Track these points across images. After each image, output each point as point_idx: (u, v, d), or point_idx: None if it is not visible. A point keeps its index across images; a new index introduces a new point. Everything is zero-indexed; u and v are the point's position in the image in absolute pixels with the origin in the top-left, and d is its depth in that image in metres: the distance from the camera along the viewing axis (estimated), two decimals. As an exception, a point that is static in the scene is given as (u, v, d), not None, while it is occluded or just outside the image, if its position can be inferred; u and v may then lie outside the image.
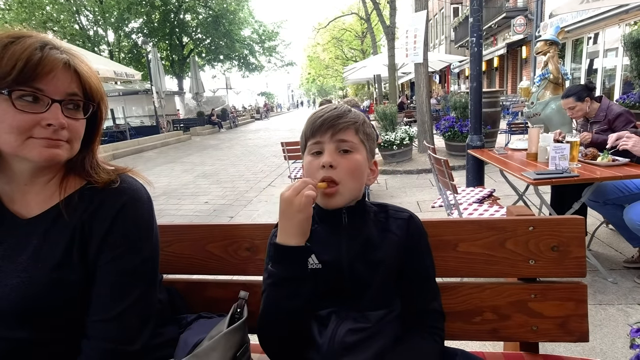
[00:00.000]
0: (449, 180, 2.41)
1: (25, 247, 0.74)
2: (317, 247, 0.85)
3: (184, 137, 15.61)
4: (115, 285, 0.75)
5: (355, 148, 0.83)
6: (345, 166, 0.81)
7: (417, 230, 0.87)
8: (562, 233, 0.93)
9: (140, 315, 0.78)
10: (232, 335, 0.85)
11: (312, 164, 0.84)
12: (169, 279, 1.12)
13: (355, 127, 0.84)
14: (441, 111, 11.06)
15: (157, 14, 22.48)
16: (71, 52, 0.74)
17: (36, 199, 0.77)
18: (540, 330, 0.95)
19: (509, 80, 17.02)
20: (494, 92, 7.21)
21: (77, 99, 0.74)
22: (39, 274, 0.72)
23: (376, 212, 0.89)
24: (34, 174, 0.76)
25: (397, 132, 6.64)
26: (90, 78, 0.76)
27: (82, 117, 0.75)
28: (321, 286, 0.83)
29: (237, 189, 6.10)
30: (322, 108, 0.87)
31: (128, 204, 0.78)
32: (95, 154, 0.83)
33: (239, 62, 28.45)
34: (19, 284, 0.71)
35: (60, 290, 0.73)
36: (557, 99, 4.40)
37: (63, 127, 0.71)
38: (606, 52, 10.88)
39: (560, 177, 2.14)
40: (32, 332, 0.73)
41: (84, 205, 0.76)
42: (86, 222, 0.75)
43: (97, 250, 0.75)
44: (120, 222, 0.76)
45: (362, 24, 24.52)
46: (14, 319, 0.71)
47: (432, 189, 5.13)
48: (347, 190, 0.81)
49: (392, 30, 11.26)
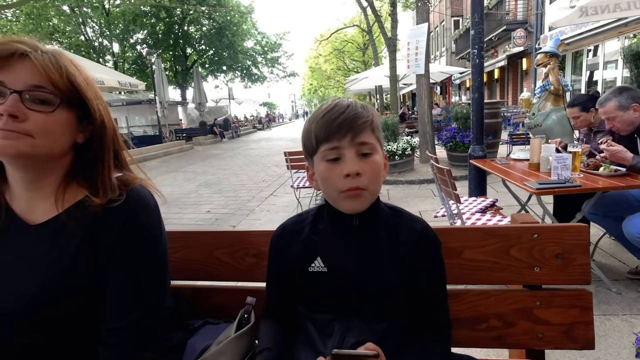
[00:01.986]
0: (451, 190, 2.42)
1: (35, 253, 0.74)
2: (324, 249, 0.83)
3: (187, 147, 15.69)
4: (129, 292, 0.76)
5: (374, 149, 0.77)
6: (369, 171, 0.76)
7: (429, 246, 0.82)
8: (565, 240, 0.94)
9: (155, 320, 0.79)
10: (240, 340, 0.86)
11: (331, 172, 0.76)
12: (176, 284, 1.13)
13: (372, 126, 0.78)
14: (442, 122, 11.12)
15: (161, 26, 22.85)
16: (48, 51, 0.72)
17: (42, 205, 0.77)
18: (546, 337, 0.95)
19: (510, 91, 17.15)
20: (495, 103, 7.27)
21: (44, 91, 0.70)
22: (49, 280, 0.72)
23: (388, 217, 0.84)
24: (29, 177, 0.75)
25: (398, 143, 6.68)
26: (49, 70, 0.70)
27: (50, 110, 0.70)
28: (323, 290, 0.81)
29: (239, 198, 6.12)
30: (334, 107, 0.77)
31: (136, 212, 0.77)
32: (108, 168, 0.79)
33: (241, 72, 28.77)
34: (30, 290, 0.72)
35: (70, 296, 0.73)
36: (558, 110, 4.45)
37: (14, 117, 0.67)
38: (606, 64, 10.98)
39: (562, 187, 2.15)
40: (42, 338, 0.74)
41: (90, 214, 0.75)
42: (94, 232, 0.74)
43: (107, 259, 0.75)
44: (129, 230, 0.76)
45: (364, 35, 24.82)
46: (26, 324, 0.72)
47: (434, 199, 5.14)
48: (371, 194, 0.78)
49: (394, 42, 11.39)
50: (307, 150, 0.81)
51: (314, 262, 0.83)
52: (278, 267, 0.90)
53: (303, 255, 0.84)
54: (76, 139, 0.77)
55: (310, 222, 0.88)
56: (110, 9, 20.06)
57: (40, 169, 0.75)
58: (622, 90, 2.29)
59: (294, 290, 0.87)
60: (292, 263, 0.86)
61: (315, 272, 0.82)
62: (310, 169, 0.83)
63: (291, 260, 0.86)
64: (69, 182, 0.78)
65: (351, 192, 0.75)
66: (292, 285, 0.87)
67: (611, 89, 2.38)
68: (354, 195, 0.75)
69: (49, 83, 0.70)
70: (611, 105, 2.29)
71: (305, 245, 0.85)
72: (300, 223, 0.89)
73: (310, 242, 0.85)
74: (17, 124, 0.68)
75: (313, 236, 0.85)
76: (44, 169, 0.75)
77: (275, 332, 0.89)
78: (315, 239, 0.85)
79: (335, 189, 0.76)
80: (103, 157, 0.79)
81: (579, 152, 2.41)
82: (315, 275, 0.82)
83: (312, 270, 0.82)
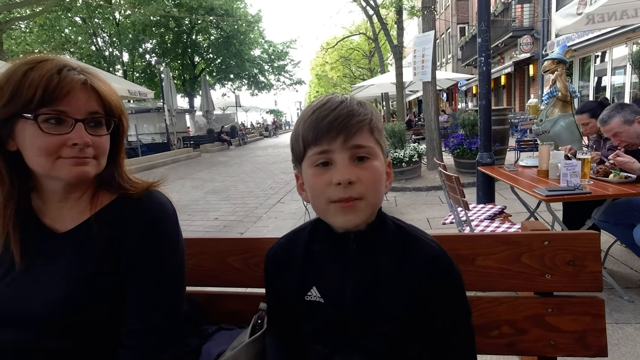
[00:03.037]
0: (460, 197, 2.42)
1: (61, 259, 0.77)
2: (319, 276, 0.72)
3: (194, 154, 15.84)
4: (148, 296, 0.79)
5: (372, 153, 0.65)
6: (365, 179, 0.63)
7: (442, 275, 0.69)
8: (577, 248, 0.94)
9: (172, 323, 0.82)
10: (254, 345, 0.88)
11: (319, 179, 0.64)
12: (191, 291, 1.15)
13: (370, 127, 0.65)
14: (449, 128, 11.10)
15: (170, 35, 23.24)
16: (88, 71, 0.77)
17: (70, 214, 0.81)
18: (558, 344, 0.95)
19: (517, 98, 17.10)
20: (502, 110, 7.26)
21: (99, 116, 0.77)
22: (74, 285, 0.75)
23: (394, 238, 0.71)
24: (66, 191, 0.80)
25: (405, 150, 6.68)
26: (109, 95, 0.78)
27: (105, 133, 0.78)
28: (321, 321, 0.72)
29: (246, 205, 6.15)
30: (324, 103, 0.66)
31: (156, 218, 0.81)
32: (122, 166, 0.87)
33: (248, 80, 29.06)
34: (57, 295, 0.75)
35: (94, 300, 0.76)
36: (566, 117, 4.43)
37: (88, 145, 0.74)
38: (614, 70, 10.92)
39: (572, 194, 2.14)
40: (69, 341, 0.76)
41: (114, 220, 0.80)
42: (116, 237, 0.78)
43: (128, 264, 0.78)
44: (149, 236, 0.79)
45: (370, 43, 24.96)
46: (53, 328, 0.75)
47: (442, 206, 5.12)
48: (369, 206, 0.65)
49: (400, 50, 11.45)
50: (295, 156, 0.69)
51: (310, 291, 0.72)
52: (273, 294, 0.81)
53: (298, 283, 0.74)
54: None
55: (305, 242, 0.76)
56: (121, 20, 20.48)
57: (83, 181, 0.80)
58: (622, 106, 2.33)
59: (296, 314, 0.76)
60: (287, 291, 0.76)
61: (312, 302, 0.72)
62: (300, 178, 0.71)
63: (286, 288, 0.76)
64: (99, 187, 0.84)
65: (342, 204, 0.63)
66: (293, 311, 0.76)
67: (609, 107, 2.41)
68: (346, 207, 0.63)
69: (102, 108, 0.77)
70: (616, 121, 2.31)
71: (300, 271, 0.75)
72: (294, 243, 0.78)
73: (304, 267, 0.74)
74: (86, 150, 0.75)
75: (307, 260, 0.75)
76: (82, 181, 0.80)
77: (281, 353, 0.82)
78: (310, 264, 0.74)
79: (324, 199, 0.64)
80: (121, 160, 0.87)
81: (589, 159, 2.40)
82: (312, 304, 0.72)
83: (309, 300, 0.73)
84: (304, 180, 0.69)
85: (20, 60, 0.73)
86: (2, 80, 0.71)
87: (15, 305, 0.75)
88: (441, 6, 24.54)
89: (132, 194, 0.83)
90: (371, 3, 13.12)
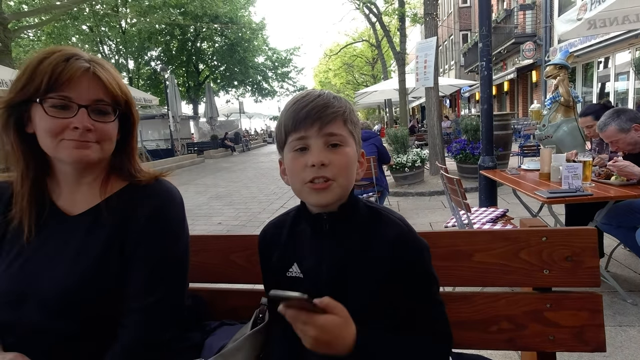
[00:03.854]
0: (461, 199, 2.43)
1: (72, 241, 0.81)
2: (300, 253, 0.80)
3: (198, 160, 15.93)
4: (149, 278, 0.81)
5: (344, 141, 0.73)
6: (337, 163, 0.72)
7: (409, 251, 0.74)
8: (575, 244, 0.95)
9: (171, 305, 0.83)
10: (256, 337, 0.90)
11: (296, 162, 0.73)
12: (194, 287, 1.16)
13: (343, 118, 0.74)
14: (452, 134, 11.11)
15: (175, 43, 23.52)
16: (96, 61, 0.81)
17: (82, 198, 0.85)
18: (557, 339, 0.96)
19: (520, 103, 17.10)
20: (505, 115, 7.28)
21: (103, 104, 0.80)
22: (83, 265, 0.79)
23: (364, 217, 0.78)
24: (78, 175, 0.84)
25: (408, 155, 6.70)
26: (111, 83, 0.81)
27: (110, 120, 0.82)
28: None
29: (250, 210, 6.18)
30: (304, 96, 0.75)
31: (162, 204, 0.85)
32: (134, 156, 0.90)
33: (252, 87, 29.29)
34: (65, 274, 0.78)
35: (101, 281, 0.79)
36: (569, 122, 4.44)
37: (89, 130, 0.78)
38: (617, 75, 10.91)
39: (573, 196, 2.15)
40: (76, 323, 0.78)
41: (123, 205, 0.83)
42: (124, 221, 0.82)
43: (133, 246, 0.81)
44: (155, 221, 0.83)
45: (373, 50, 25.13)
46: (61, 308, 0.77)
47: (445, 210, 5.12)
48: (339, 187, 0.73)
49: (403, 56, 11.53)
50: (278, 142, 0.79)
51: (292, 267, 0.80)
52: (266, 272, 0.89)
53: (282, 260, 0.82)
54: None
55: (291, 223, 0.85)
56: (127, 28, 20.77)
57: (93, 166, 0.84)
58: (619, 113, 2.33)
59: None
60: (274, 268, 0.83)
61: (292, 277, 0.79)
62: (283, 164, 0.79)
63: (273, 266, 0.83)
64: (111, 174, 0.88)
65: (316, 185, 0.71)
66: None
67: (607, 112, 2.41)
68: (319, 188, 0.71)
69: (108, 96, 0.81)
70: (612, 129, 2.33)
71: (284, 249, 0.82)
72: (282, 223, 0.86)
73: (288, 245, 0.82)
74: (88, 134, 0.79)
75: (291, 239, 0.83)
76: (96, 165, 0.85)
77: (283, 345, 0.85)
78: (293, 243, 0.82)
79: (300, 180, 0.73)
80: (133, 148, 0.91)
81: (590, 162, 2.41)
82: (293, 280, 0.79)
83: (290, 275, 0.80)
84: (285, 166, 0.77)
85: (39, 51, 0.79)
86: (21, 68, 0.78)
87: (27, 285, 0.77)
88: (444, 13, 24.70)
89: (142, 181, 0.87)
90: (374, 11, 13.25)
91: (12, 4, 15.19)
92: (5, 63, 8.64)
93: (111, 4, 18.08)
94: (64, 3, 12.96)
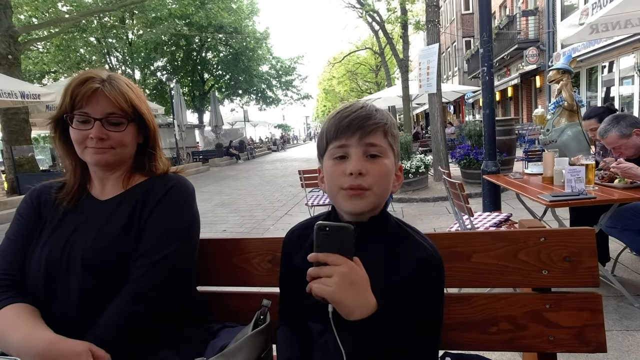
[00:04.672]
0: (464, 204, 2.43)
1: (101, 217, 0.98)
2: None
3: (203, 168, 16.03)
4: (156, 240, 0.94)
5: (384, 152, 0.75)
6: (374, 173, 0.73)
7: (429, 275, 0.74)
8: (573, 244, 0.95)
9: (171, 267, 0.94)
10: (257, 337, 0.91)
11: (335, 169, 0.75)
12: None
13: (384, 130, 0.76)
14: (456, 140, 11.10)
15: (180, 53, 23.83)
16: (110, 79, 0.97)
17: (110, 189, 1.03)
18: (557, 340, 0.96)
19: (524, 109, 17.05)
20: (509, 120, 7.27)
21: (115, 116, 0.97)
22: (109, 232, 0.94)
23: (392, 232, 0.79)
24: (104, 172, 1.02)
25: (412, 161, 6.70)
26: (119, 99, 0.96)
27: (123, 129, 0.98)
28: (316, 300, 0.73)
29: (254, 218, 6.20)
30: (347, 107, 0.78)
31: (177, 184, 1.02)
32: (155, 157, 1.07)
33: (256, 96, 29.53)
34: (94, 238, 0.93)
35: (123, 245, 0.93)
36: (573, 126, 4.41)
37: (102, 139, 0.95)
38: (622, 80, 10.87)
39: (576, 199, 2.14)
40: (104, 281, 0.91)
41: (143, 189, 1.01)
42: (143, 198, 0.99)
43: (149, 214, 0.97)
44: (169, 195, 0.99)
45: (376, 57, 25.26)
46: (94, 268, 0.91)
47: (449, 216, 5.10)
48: (374, 196, 0.74)
49: (406, 63, 11.58)
50: (319, 151, 0.82)
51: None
52: (287, 272, 0.90)
53: (304, 260, 0.77)
54: (138, 141, 1.05)
55: None
56: (133, 39, 21.12)
57: (116, 165, 1.02)
58: (618, 119, 2.34)
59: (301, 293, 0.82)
60: (296, 268, 0.83)
61: None
62: (321, 172, 0.82)
63: (296, 265, 0.84)
64: (134, 171, 1.06)
65: (351, 191, 0.73)
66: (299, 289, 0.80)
67: (607, 118, 2.42)
68: (353, 195, 0.73)
69: (119, 109, 0.97)
70: (613, 136, 2.34)
71: (308, 251, 0.77)
72: (309, 227, 0.87)
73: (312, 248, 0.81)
74: (103, 142, 0.96)
75: None
76: (118, 164, 1.03)
77: (291, 341, 0.87)
78: None
79: (336, 185, 0.75)
80: (156, 147, 1.08)
81: (592, 165, 2.40)
82: None
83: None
84: (324, 173, 0.80)
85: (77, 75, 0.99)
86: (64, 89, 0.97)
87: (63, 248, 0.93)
88: (447, 20, 24.84)
89: (160, 174, 1.06)
90: (377, 19, 13.36)
91: (23, 18, 15.53)
92: (15, 75, 8.79)
93: (118, 16, 18.43)
94: (72, 16, 13.24)
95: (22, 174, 8.92)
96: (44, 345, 0.79)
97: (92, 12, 14.86)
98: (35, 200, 1.02)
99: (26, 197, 1.04)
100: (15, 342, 0.81)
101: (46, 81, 19.92)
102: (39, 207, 1.01)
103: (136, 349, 0.88)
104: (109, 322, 0.86)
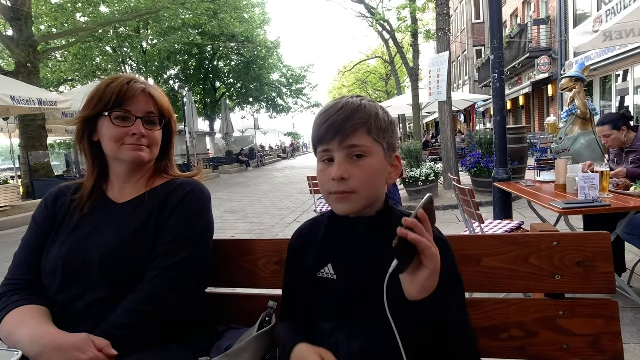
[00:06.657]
0: (474, 210, 2.40)
1: (118, 219, 0.99)
2: (336, 255, 0.81)
3: (213, 175, 16.17)
4: (171, 245, 0.95)
5: (368, 152, 0.74)
6: (358, 176, 0.73)
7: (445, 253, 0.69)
8: (587, 248, 0.93)
9: (186, 270, 0.95)
10: (262, 339, 0.90)
11: (323, 174, 0.77)
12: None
13: (367, 128, 0.74)
14: (467, 149, 11.00)
15: (193, 62, 24.27)
16: (147, 83, 1.04)
17: (130, 191, 1.04)
18: (571, 348, 0.92)
19: (536, 118, 16.86)
20: (520, 129, 7.17)
21: (153, 116, 1.02)
22: (126, 234, 0.95)
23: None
24: (129, 174, 1.04)
25: (422, 169, 6.66)
26: (161, 99, 1.04)
27: (158, 129, 1.04)
28: (330, 297, 0.79)
29: (263, 224, 6.20)
30: (328, 109, 0.77)
31: (195, 189, 1.04)
32: (172, 160, 1.13)
33: (267, 104, 29.82)
34: (112, 240, 0.94)
35: (139, 247, 0.94)
36: (587, 134, 4.34)
37: (143, 136, 0.99)
38: (637, 88, 10.68)
39: (590, 207, 2.09)
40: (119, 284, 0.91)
41: (162, 193, 1.02)
42: (162, 201, 1.00)
43: (166, 219, 0.98)
44: (187, 201, 1.01)
45: (386, 66, 25.34)
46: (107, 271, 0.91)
47: (459, 224, 5.03)
48: (362, 198, 0.75)
49: (416, 72, 11.60)
50: (314, 151, 0.82)
51: (325, 268, 0.81)
52: (294, 271, 0.89)
53: (316, 258, 0.83)
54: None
55: (326, 225, 0.86)
56: (148, 49, 21.59)
57: (145, 165, 1.05)
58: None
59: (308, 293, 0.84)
60: (305, 267, 0.84)
61: (324, 279, 0.80)
62: None
63: (305, 264, 0.85)
64: (155, 174, 1.09)
65: (337, 196, 0.75)
66: (306, 288, 0.84)
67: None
68: (340, 199, 0.75)
69: (156, 109, 1.03)
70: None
71: (320, 249, 0.83)
72: (318, 224, 0.88)
73: (324, 246, 0.83)
74: (142, 139, 1.00)
75: (327, 239, 0.84)
76: (146, 165, 1.05)
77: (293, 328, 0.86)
78: (329, 243, 0.83)
79: (325, 190, 0.77)
80: (172, 154, 1.14)
81: (607, 172, 2.35)
82: (324, 281, 0.80)
83: (321, 276, 0.81)
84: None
85: (105, 78, 1.03)
86: (92, 91, 1.01)
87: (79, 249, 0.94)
88: (457, 29, 24.84)
89: (179, 178, 1.09)
90: (387, 28, 13.44)
91: (43, 28, 16.01)
92: (34, 83, 9.05)
93: (134, 26, 18.87)
94: (89, 26, 13.60)
95: (37, 179, 9.12)
96: (47, 338, 0.82)
97: (108, 22, 15.27)
98: (51, 205, 1.03)
99: (42, 203, 1.05)
100: (21, 338, 0.83)
101: (63, 89, 20.40)
102: (54, 212, 1.02)
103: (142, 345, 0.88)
104: (119, 318, 0.87)
